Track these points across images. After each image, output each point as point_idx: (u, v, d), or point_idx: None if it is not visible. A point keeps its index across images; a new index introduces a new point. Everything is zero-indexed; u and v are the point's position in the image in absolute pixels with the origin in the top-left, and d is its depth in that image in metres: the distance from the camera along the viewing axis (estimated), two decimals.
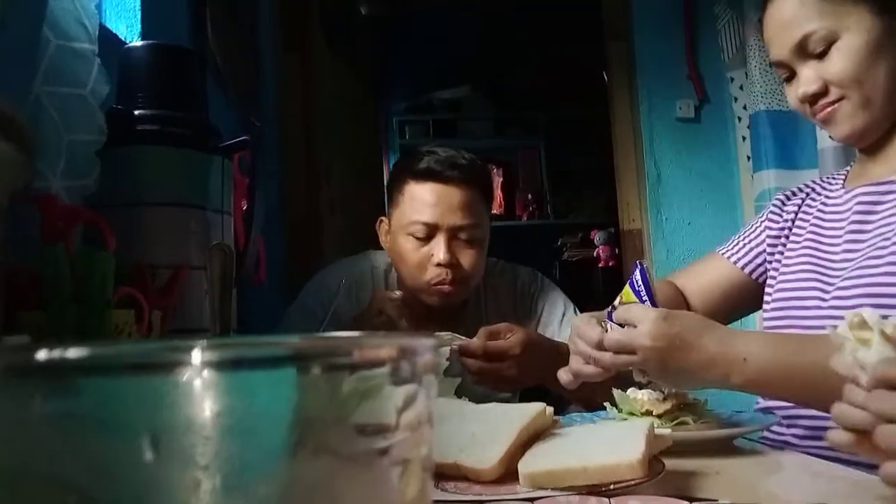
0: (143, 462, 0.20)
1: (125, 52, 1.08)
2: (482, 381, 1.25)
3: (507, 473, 0.67)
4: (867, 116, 1.00)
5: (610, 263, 3.94)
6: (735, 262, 1.20)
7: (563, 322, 1.47)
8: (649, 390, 0.90)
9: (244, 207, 1.19)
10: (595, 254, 4.06)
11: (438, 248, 1.37)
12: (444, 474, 0.68)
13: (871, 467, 0.60)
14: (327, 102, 2.62)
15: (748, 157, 2.58)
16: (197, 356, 0.21)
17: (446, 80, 4.32)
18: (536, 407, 0.77)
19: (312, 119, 2.46)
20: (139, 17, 1.29)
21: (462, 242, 1.39)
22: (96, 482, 0.21)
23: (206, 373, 0.21)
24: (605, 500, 0.59)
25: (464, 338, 1.23)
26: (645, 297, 0.90)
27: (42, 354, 0.21)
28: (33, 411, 0.21)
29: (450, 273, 1.36)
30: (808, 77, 1.01)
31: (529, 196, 4.36)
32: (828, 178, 1.20)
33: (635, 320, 0.85)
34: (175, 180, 1.04)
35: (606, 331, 0.90)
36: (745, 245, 1.22)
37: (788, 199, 1.21)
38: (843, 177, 1.15)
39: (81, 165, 0.93)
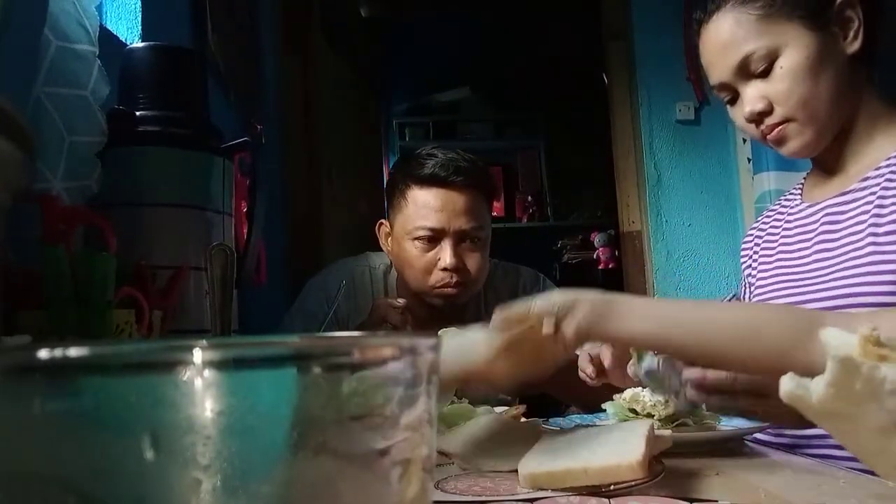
0: (143, 462, 0.20)
1: (126, 53, 1.08)
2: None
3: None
4: (814, 133, 1.02)
5: (610, 265, 3.94)
6: None
7: None
8: (652, 394, 0.90)
9: (245, 208, 1.19)
10: (595, 255, 4.06)
11: (445, 253, 1.37)
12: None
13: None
14: (328, 104, 2.62)
15: (748, 160, 2.58)
16: (198, 356, 0.21)
17: (446, 82, 4.32)
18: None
19: (313, 121, 2.46)
20: (139, 18, 1.29)
21: (467, 246, 1.40)
22: (97, 482, 0.21)
23: (206, 372, 0.21)
24: (606, 500, 0.59)
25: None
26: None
27: (43, 354, 0.21)
28: (33, 411, 0.21)
29: (455, 276, 1.36)
30: (753, 96, 1.02)
31: (529, 198, 4.36)
32: (783, 198, 1.23)
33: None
34: (176, 181, 1.04)
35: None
36: (748, 280, 1.24)
37: (749, 235, 1.26)
38: (798, 192, 1.18)
39: (82, 166, 0.93)
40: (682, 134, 2.71)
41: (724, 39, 1.03)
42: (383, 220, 1.54)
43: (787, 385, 0.48)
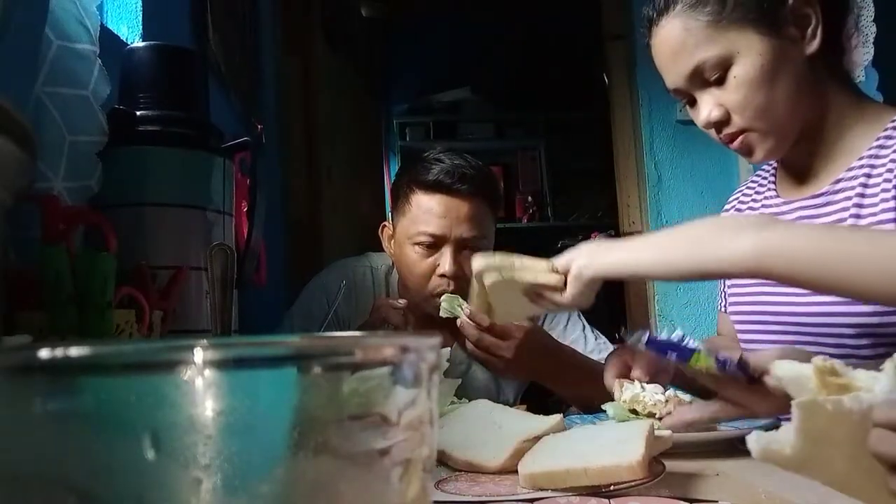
0: (144, 461, 0.20)
1: (127, 52, 1.08)
2: (477, 352, 1.25)
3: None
4: (776, 138, 0.98)
5: None
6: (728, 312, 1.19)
7: (567, 326, 1.48)
8: (651, 391, 0.90)
9: (245, 208, 1.19)
10: None
11: (445, 260, 1.37)
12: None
13: None
14: (328, 104, 2.62)
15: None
16: (198, 355, 0.21)
17: (447, 82, 4.32)
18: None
19: (313, 120, 2.46)
20: (140, 18, 1.29)
21: (468, 253, 1.38)
22: (97, 481, 0.21)
23: (207, 372, 0.21)
24: (606, 501, 0.59)
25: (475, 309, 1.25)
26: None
27: (43, 354, 0.21)
28: (34, 411, 0.21)
29: (452, 284, 1.36)
30: (709, 104, 0.99)
31: (529, 198, 4.35)
32: (756, 181, 1.19)
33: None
34: (176, 181, 1.04)
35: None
36: (724, 290, 1.22)
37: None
38: (772, 179, 1.14)
39: (83, 166, 0.93)
40: (683, 134, 2.71)
41: (674, 46, 0.99)
42: (386, 223, 1.54)
43: (757, 444, 0.48)
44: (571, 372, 1.30)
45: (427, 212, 1.38)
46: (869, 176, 0.96)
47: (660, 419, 0.88)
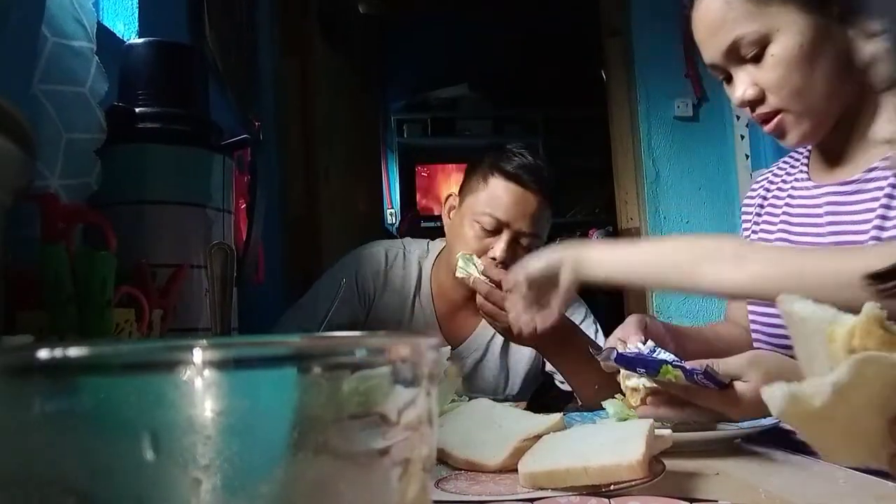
0: (143, 461, 0.20)
1: (126, 49, 1.08)
2: (487, 305, 1.25)
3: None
4: (812, 122, 0.96)
5: None
6: None
7: (582, 325, 1.48)
8: (644, 380, 0.89)
9: (244, 206, 1.19)
10: None
11: (499, 245, 1.42)
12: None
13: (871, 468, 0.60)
14: (325, 102, 2.61)
15: (746, 156, 2.59)
16: (198, 355, 0.21)
17: (444, 79, 4.32)
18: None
19: (310, 118, 2.46)
20: (136, 15, 1.29)
21: (521, 247, 1.44)
22: (96, 482, 0.21)
23: (206, 372, 0.21)
24: (606, 500, 0.59)
25: (488, 264, 1.31)
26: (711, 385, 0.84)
27: (43, 354, 0.21)
28: (33, 411, 0.21)
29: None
30: (744, 82, 0.97)
31: None
32: (785, 163, 1.17)
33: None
34: (176, 178, 1.03)
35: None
36: None
37: (752, 197, 1.22)
38: (804, 162, 1.12)
39: (81, 164, 0.93)
40: (681, 130, 2.71)
41: (714, 20, 0.97)
42: (453, 194, 1.60)
43: (780, 395, 0.47)
44: (577, 347, 1.30)
45: (499, 197, 1.45)
46: None
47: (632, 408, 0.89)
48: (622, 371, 0.91)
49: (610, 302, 2.80)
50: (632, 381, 0.90)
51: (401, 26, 4.24)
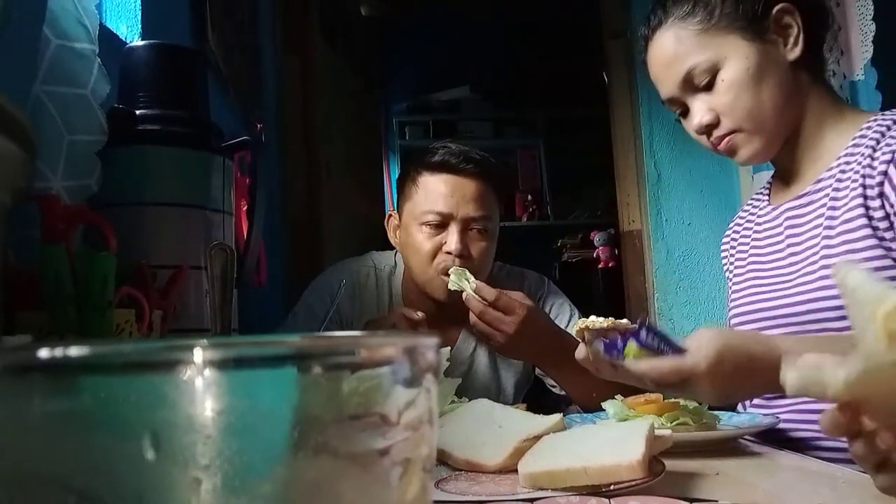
0: (143, 461, 0.20)
1: (127, 51, 1.08)
2: (479, 324, 1.26)
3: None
4: (763, 141, 1.05)
5: (610, 264, 3.93)
6: None
7: (568, 327, 1.48)
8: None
9: (245, 207, 1.19)
10: (595, 255, 4.05)
11: (451, 238, 1.40)
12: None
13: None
14: (327, 103, 2.62)
15: None
16: (198, 355, 0.21)
17: (446, 81, 4.32)
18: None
19: (312, 119, 2.46)
20: (139, 17, 1.29)
21: (474, 234, 1.42)
22: (97, 481, 0.21)
23: (207, 372, 0.21)
24: (606, 500, 0.59)
25: (481, 283, 1.28)
26: (666, 349, 0.85)
27: (43, 354, 0.21)
28: (33, 411, 0.21)
29: (458, 262, 1.37)
30: (700, 109, 1.06)
31: (529, 197, 4.35)
32: (752, 198, 1.26)
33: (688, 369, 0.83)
34: (176, 180, 1.04)
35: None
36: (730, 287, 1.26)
37: (727, 234, 1.30)
38: (766, 192, 1.21)
39: (82, 165, 0.93)
40: (683, 133, 2.68)
41: (668, 55, 1.07)
42: (392, 212, 1.56)
43: (801, 370, 0.48)
44: (571, 358, 1.30)
45: (434, 191, 1.42)
46: (843, 171, 1.00)
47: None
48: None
49: (610, 302, 2.79)
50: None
51: (402, 28, 4.24)
